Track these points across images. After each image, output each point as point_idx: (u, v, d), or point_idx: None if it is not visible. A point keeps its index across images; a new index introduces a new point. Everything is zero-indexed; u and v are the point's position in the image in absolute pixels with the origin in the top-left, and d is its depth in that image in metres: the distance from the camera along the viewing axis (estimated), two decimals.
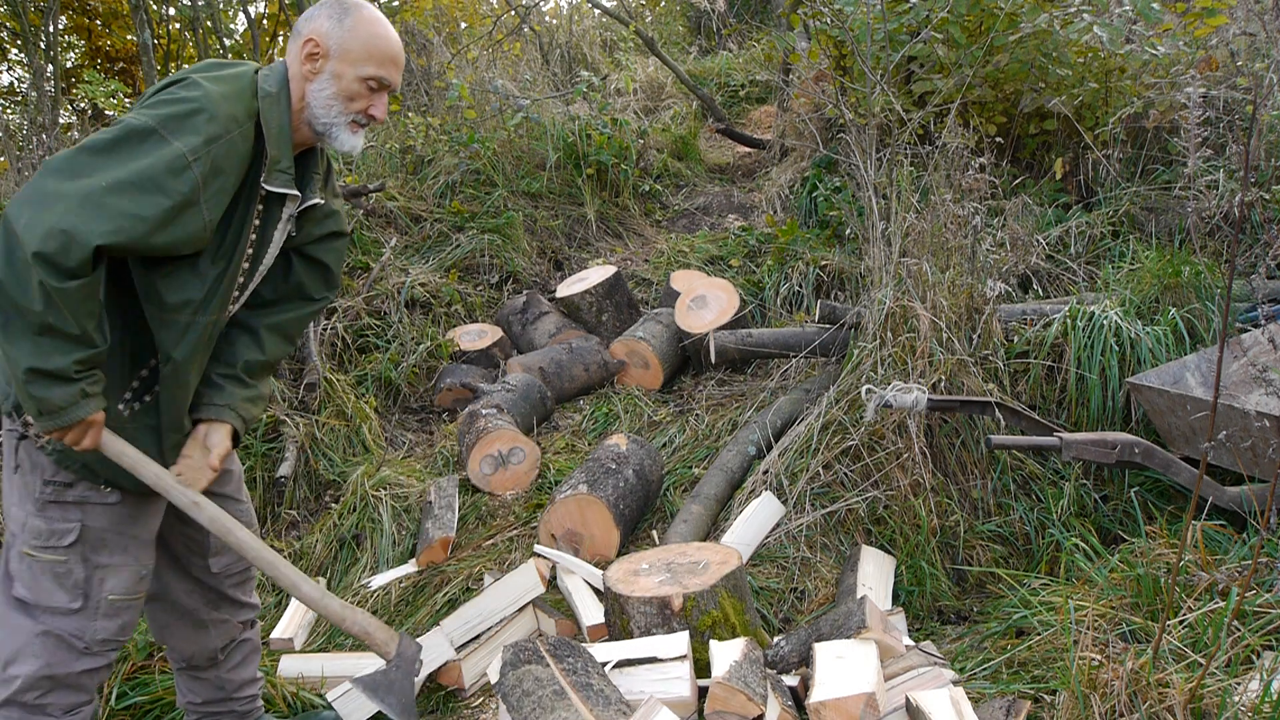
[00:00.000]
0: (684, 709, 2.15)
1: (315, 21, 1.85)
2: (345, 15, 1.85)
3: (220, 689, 2.23)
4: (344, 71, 1.84)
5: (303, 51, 1.84)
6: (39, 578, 1.79)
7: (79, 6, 8.66)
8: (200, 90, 1.70)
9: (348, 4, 1.87)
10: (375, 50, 1.86)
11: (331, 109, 1.86)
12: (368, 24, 1.86)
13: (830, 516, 3.14)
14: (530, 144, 6.55)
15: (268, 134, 1.81)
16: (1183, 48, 4.35)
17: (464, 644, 2.70)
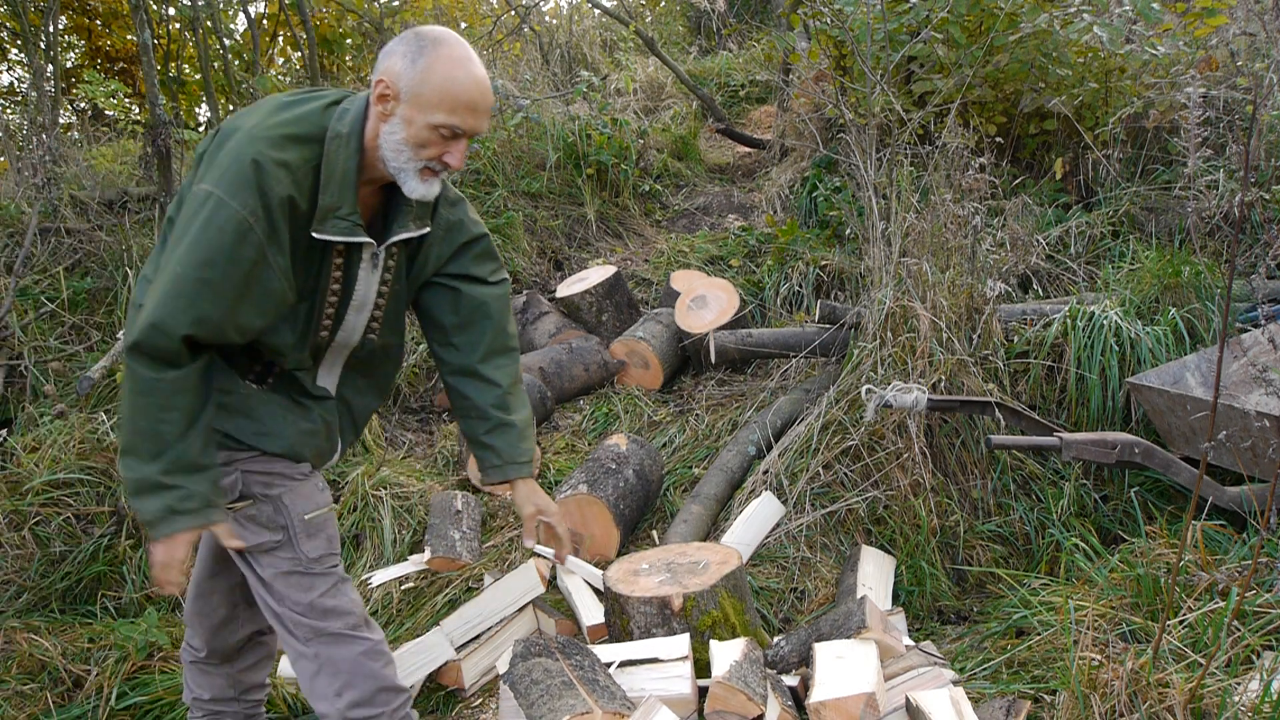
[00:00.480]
0: (684, 707, 2.15)
1: (390, 58, 1.72)
2: (420, 55, 1.70)
3: (231, 688, 2.23)
4: (414, 117, 1.70)
5: (375, 90, 1.73)
6: (244, 526, 1.86)
7: (79, 6, 8.66)
8: (254, 142, 1.64)
9: (426, 40, 1.71)
10: (449, 97, 1.69)
11: (401, 155, 1.74)
12: (444, 65, 1.70)
13: (830, 516, 3.14)
14: (530, 144, 6.54)
15: (326, 178, 1.72)
16: (1183, 48, 4.35)
17: (464, 644, 2.70)
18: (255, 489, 1.86)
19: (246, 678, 2.23)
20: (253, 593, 1.96)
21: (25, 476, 3.31)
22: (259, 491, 1.86)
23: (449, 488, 3.74)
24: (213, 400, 1.77)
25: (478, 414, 2.04)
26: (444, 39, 1.72)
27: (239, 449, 1.84)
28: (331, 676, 1.90)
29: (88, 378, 3.62)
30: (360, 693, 1.91)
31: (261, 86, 7.17)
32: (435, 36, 1.72)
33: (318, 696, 1.92)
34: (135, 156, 6.41)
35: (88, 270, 4.70)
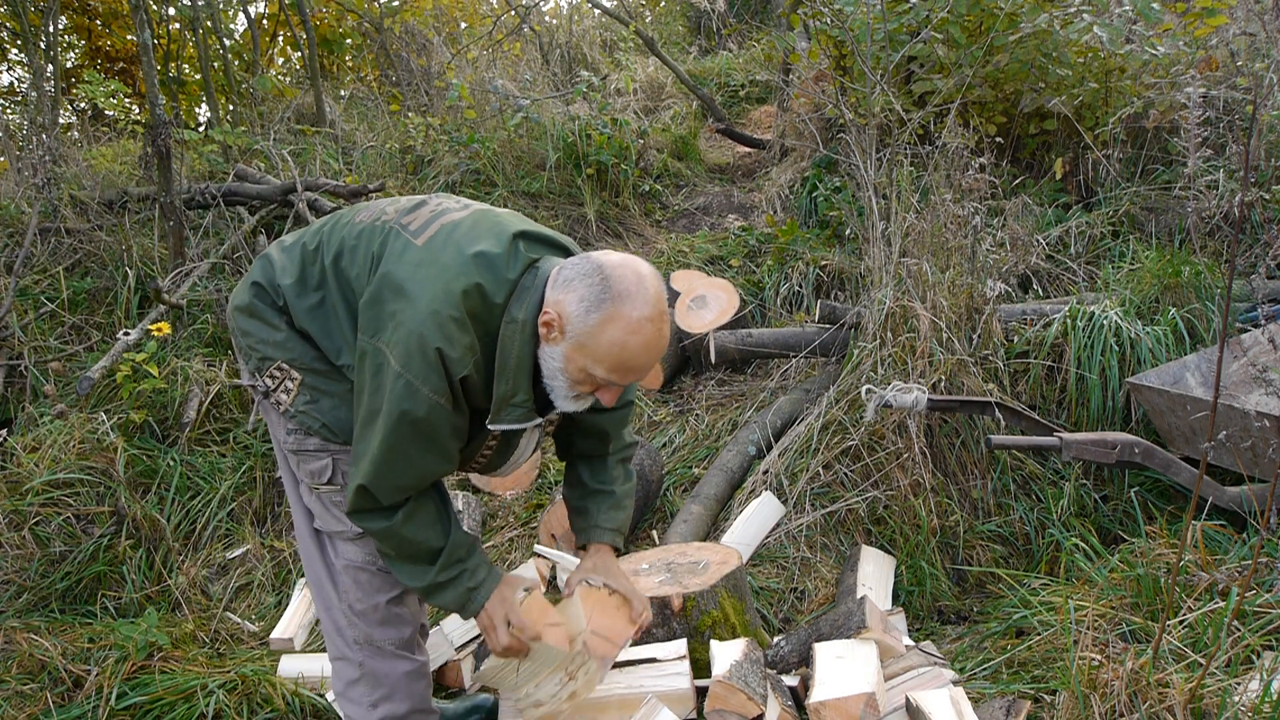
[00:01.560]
0: (683, 704, 2.16)
1: (566, 291, 1.64)
2: (597, 308, 1.61)
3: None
4: (575, 358, 1.66)
5: (542, 317, 1.66)
6: (327, 510, 1.91)
7: (79, 6, 8.66)
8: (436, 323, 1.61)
9: (609, 293, 1.61)
10: (614, 360, 1.64)
11: (555, 379, 1.71)
12: (619, 330, 1.61)
13: (830, 516, 3.14)
14: (530, 144, 6.54)
15: (500, 364, 1.69)
16: (1183, 48, 4.35)
17: (464, 644, 2.70)
18: (345, 478, 1.89)
19: None
20: (311, 581, 1.98)
21: (25, 476, 3.31)
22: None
23: (449, 488, 3.74)
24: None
25: (580, 483, 2.11)
26: (628, 296, 1.61)
27: (334, 441, 1.88)
28: (371, 687, 1.93)
29: (88, 378, 3.62)
30: (396, 708, 1.93)
31: (261, 86, 7.18)
32: (620, 292, 1.61)
33: (351, 701, 1.94)
34: (135, 156, 6.41)
35: (88, 270, 4.70)
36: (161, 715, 2.45)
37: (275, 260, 1.89)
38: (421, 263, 1.67)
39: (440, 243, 1.71)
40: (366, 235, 1.79)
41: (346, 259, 1.79)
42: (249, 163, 6.08)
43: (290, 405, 1.84)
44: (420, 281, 1.64)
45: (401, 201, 1.88)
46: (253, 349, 1.86)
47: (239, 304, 1.89)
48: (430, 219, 1.77)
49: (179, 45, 8.24)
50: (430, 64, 8.25)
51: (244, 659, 2.77)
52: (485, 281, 1.67)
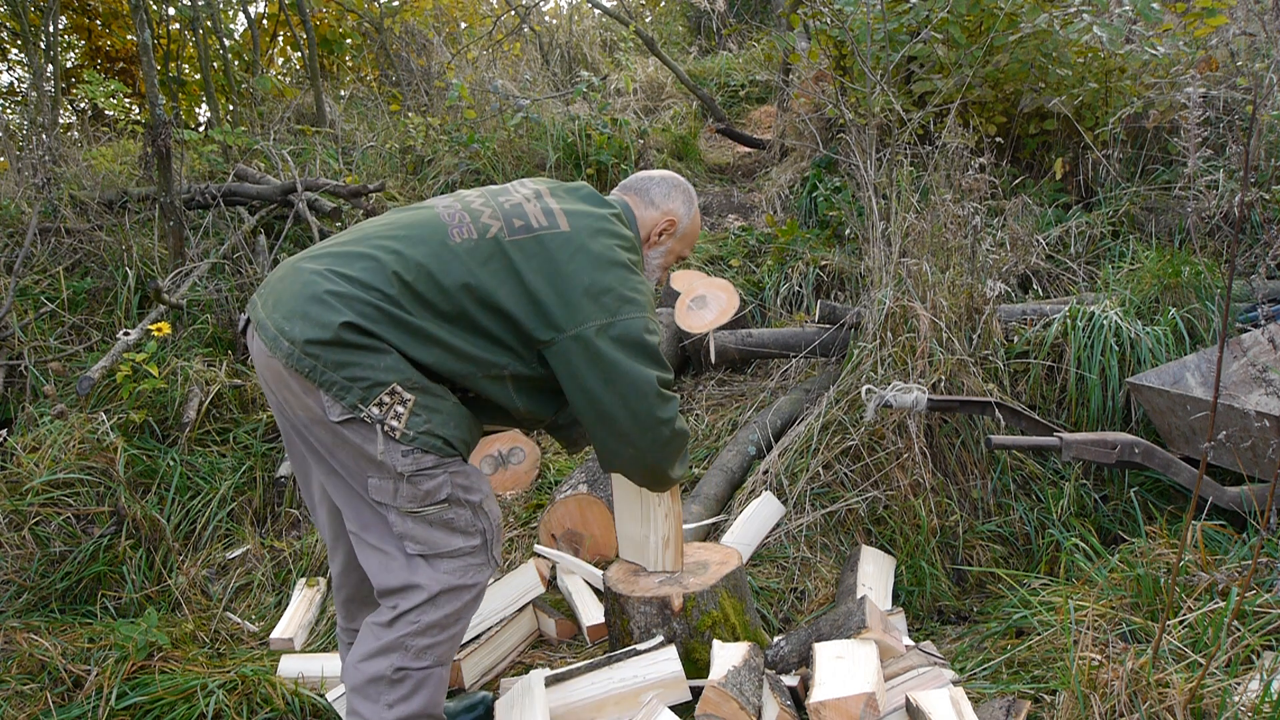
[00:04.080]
0: (677, 687, 2.20)
1: (673, 201, 2.26)
2: (692, 204, 2.30)
3: None
4: (675, 249, 2.29)
5: (661, 224, 2.24)
6: (431, 530, 1.91)
7: (79, 6, 8.66)
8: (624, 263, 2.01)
9: (691, 193, 2.31)
10: (694, 239, 2.35)
11: (654, 275, 2.28)
12: (698, 216, 2.33)
13: (830, 516, 3.14)
14: (530, 144, 6.54)
15: None
16: (1183, 48, 4.35)
17: (464, 644, 2.70)
18: (457, 493, 1.92)
19: None
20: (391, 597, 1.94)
21: (25, 476, 3.31)
22: (460, 495, 1.93)
23: None
24: None
25: None
26: (694, 195, 2.33)
27: (450, 454, 1.92)
28: (402, 691, 1.92)
29: (88, 378, 3.62)
30: (409, 709, 1.94)
31: (261, 86, 7.18)
32: (691, 191, 2.32)
33: (370, 698, 1.93)
34: (135, 156, 6.42)
35: (88, 270, 4.71)
36: (161, 715, 2.45)
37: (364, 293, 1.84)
38: (587, 240, 1.99)
39: (579, 219, 2.04)
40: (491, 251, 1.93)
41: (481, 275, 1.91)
42: (249, 163, 6.09)
43: (405, 428, 1.84)
44: (601, 255, 1.98)
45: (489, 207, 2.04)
46: (354, 380, 1.82)
47: (324, 338, 1.80)
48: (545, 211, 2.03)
49: (179, 45, 8.24)
50: (430, 64, 8.25)
51: (244, 659, 2.77)
52: (624, 231, 2.10)
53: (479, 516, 1.96)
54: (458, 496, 1.92)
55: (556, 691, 2.24)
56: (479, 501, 1.97)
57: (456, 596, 1.93)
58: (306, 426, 1.90)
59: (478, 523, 1.96)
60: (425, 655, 1.92)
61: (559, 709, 2.19)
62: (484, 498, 1.99)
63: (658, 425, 2.02)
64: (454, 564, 1.93)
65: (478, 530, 1.96)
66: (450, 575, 1.92)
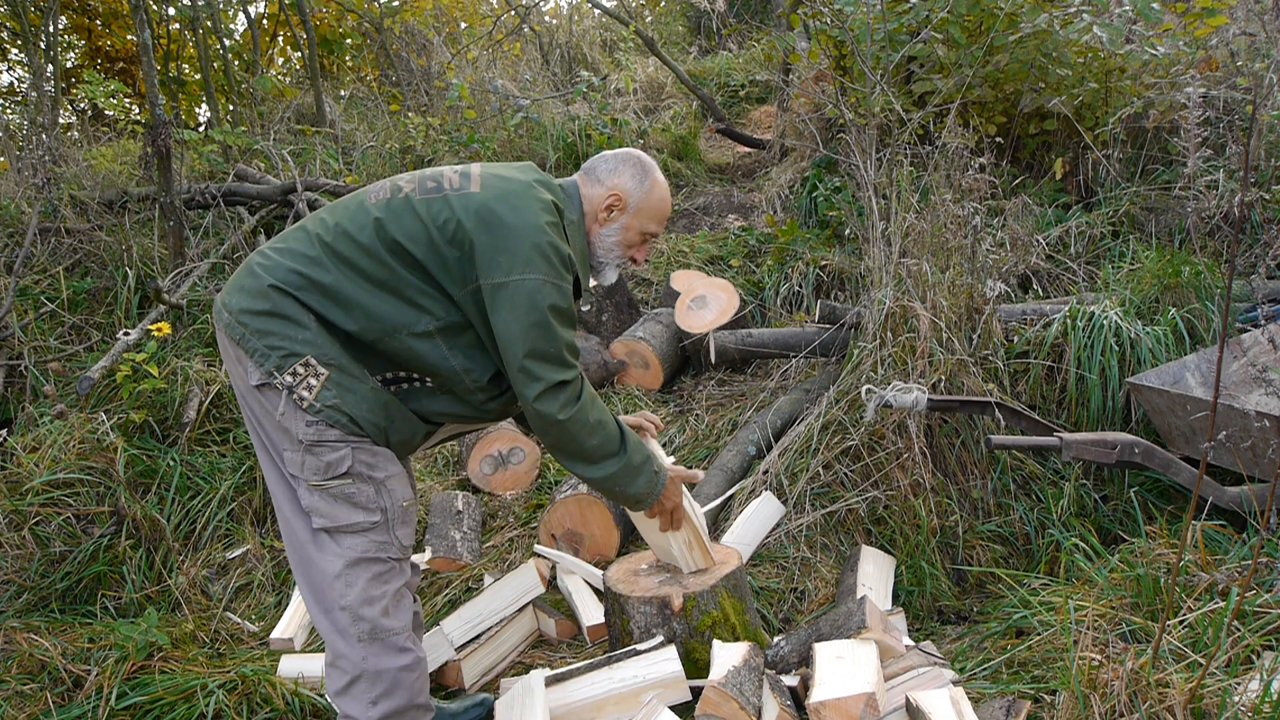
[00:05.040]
0: (678, 687, 2.19)
1: (619, 176, 2.16)
2: (645, 177, 2.18)
3: None
4: (633, 225, 2.18)
5: (605, 200, 2.15)
6: (334, 504, 1.95)
7: (79, 6, 8.65)
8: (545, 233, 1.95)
9: (646, 166, 2.19)
10: (660, 212, 2.21)
11: (612, 252, 2.19)
12: (660, 189, 2.20)
13: (830, 516, 3.14)
14: (530, 144, 6.54)
15: (578, 259, 2.09)
16: (1183, 48, 4.35)
17: (464, 644, 2.70)
18: (360, 469, 1.95)
19: None
20: (307, 588, 2.00)
21: (25, 476, 3.31)
22: (364, 471, 1.95)
23: (449, 488, 3.74)
24: None
25: None
26: (654, 165, 2.23)
27: (356, 433, 1.95)
28: (371, 683, 1.95)
29: (88, 378, 3.62)
30: (396, 704, 1.97)
31: (261, 86, 7.18)
32: (650, 164, 2.21)
33: (350, 699, 1.96)
34: (135, 156, 6.42)
35: (88, 270, 4.71)
36: (161, 715, 2.45)
37: (290, 260, 1.95)
38: (500, 197, 1.97)
39: (497, 182, 2.02)
40: (403, 207, 1.97)
41: (393, 229, 1.94)
42: (249, 163, 6.09)
43: (315, 399, 1.90)
44: (515, 210, 1.95)
45: (406, 177, 2.07)
46: (272, 348, 1.90)
47: (253, 308, 1.92)
48: (463, 176, 2.04)
49: (179, 45, 8.24)
50: (430, 64, 8.25)
51: (244, 659, 2.77)
52: (554, 196, 2.07)
53: (381, 494, 1.97)
54: (360, 472, 1.94)
55: (556, 691, 2.24)
56: (382, 479, 1.98)
57: (365, 567, 1.96)
58: (243, 397, 1.99)
59: (379, 500, 1.97)
60: (374, 642, 1.94)
61: (559, 709, 2.19)
62: (389, 476, 1.99)
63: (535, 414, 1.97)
64: (356, 540, 1.95)
65: (378, 508, 1.97)
66: (352, 550, 1.95)
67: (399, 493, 2.01)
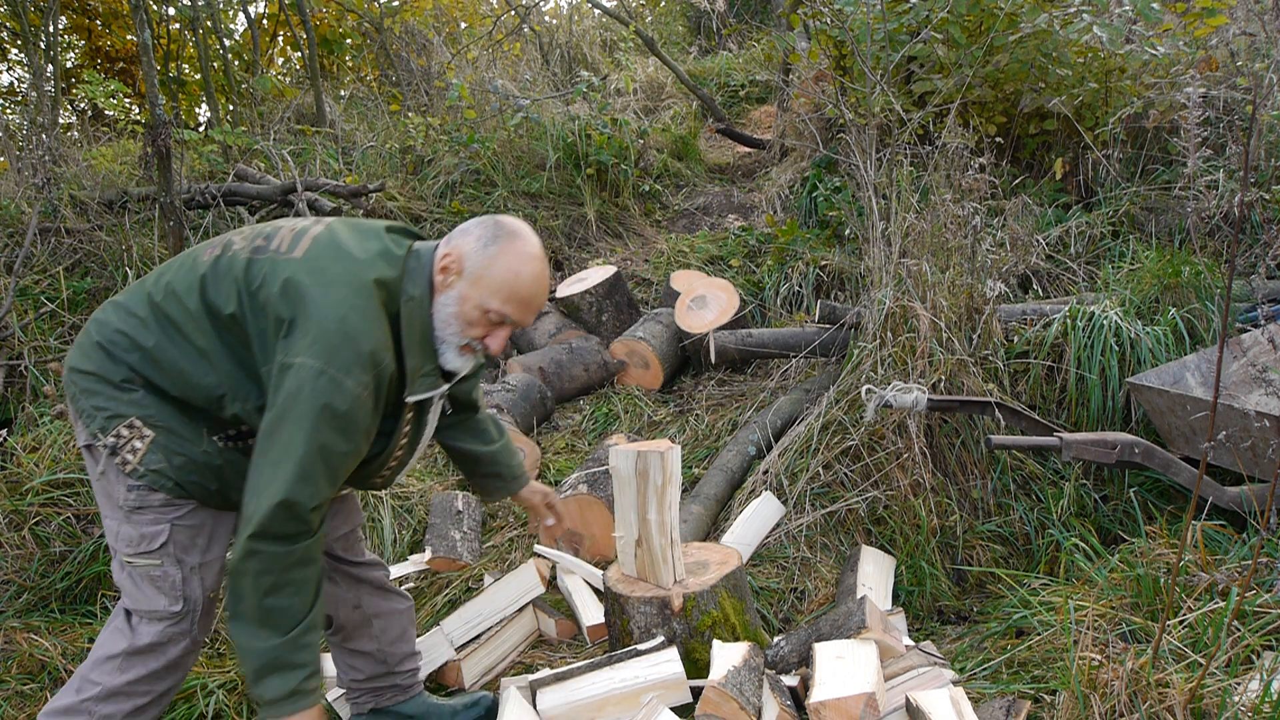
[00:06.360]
0: (678, 689, 2.18)
1: (464, 236, 1.83)
2: (492, 242, 1.81)
3: (382, 663, 2.29)
4: (470, 296, 1.80)
5: (440, 262, 1.82)
6: (139, 586, 1.84)
7: (79, 6, 8.66)
8: (354, 314, 1.69)
9: (503, 230, 1.83)
10: (506, 287, 1.80)
11: (448, 327, 1.82)
12: (511, 258, 1.80)
13: (830, 516, 3.14)
14: (530, 144, 6.55)
15: (408, 341, 1.79)
16: (1183, 48, 4.35)
17: (464, 644, 2.70)
18: (173, 549, 1.82)
19: (396, 650, 2.32)
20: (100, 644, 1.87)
21: (25, 476, 3.30)
22: (175, 553, 1.83)
23: (449, 488, 3.74)
24: None
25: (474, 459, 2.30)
26: (519, 233, 1.84)
27: (182, 496, 1.82)
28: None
29: None
30: None
31: (261, 86, 7.18)
32: (512, 229, 1.84)
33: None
34: (135, 156, 6.42)
35: (88, 270, 4.70)
36: (161, 715, 2.44)
37: (119, 319, 1.82)
38: (314, 270, 1.73)
39: (323, 249, 1.77)
40: (226, 268, 1.78)
41: (213, 293, 1.77)
42: (249, 163, 6.09)
43: (139, 464, 1.78)
44: (324, 285, 1.71)
45: (246, 231, 1.89)
46: (99, 409, 1.79)
47: (81, 367, 1.81)
48: (295, 236, 1.81)
49: (179, 45, 8.24)
50: (430, 64, 8.25)
51: None
52: (383, 271, 1.77)
53: (188, 584, 1.83)
54: (172, 553, 1.82)
55: (557, 691, 2.24)
56: (195, 565, 1.84)
57: (143, 662, 1.84)
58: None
59: (183, 589, 1.83)
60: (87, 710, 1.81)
61: (559, 709, 2.19)
62: (203, 564, 1.85)
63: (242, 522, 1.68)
64: (153, 627, 1.84)
65: (180, 597, 1.83)
66: (141, 638, 1.83)
67: (209, 582, 1.87)
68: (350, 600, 2.24)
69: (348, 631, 2.26)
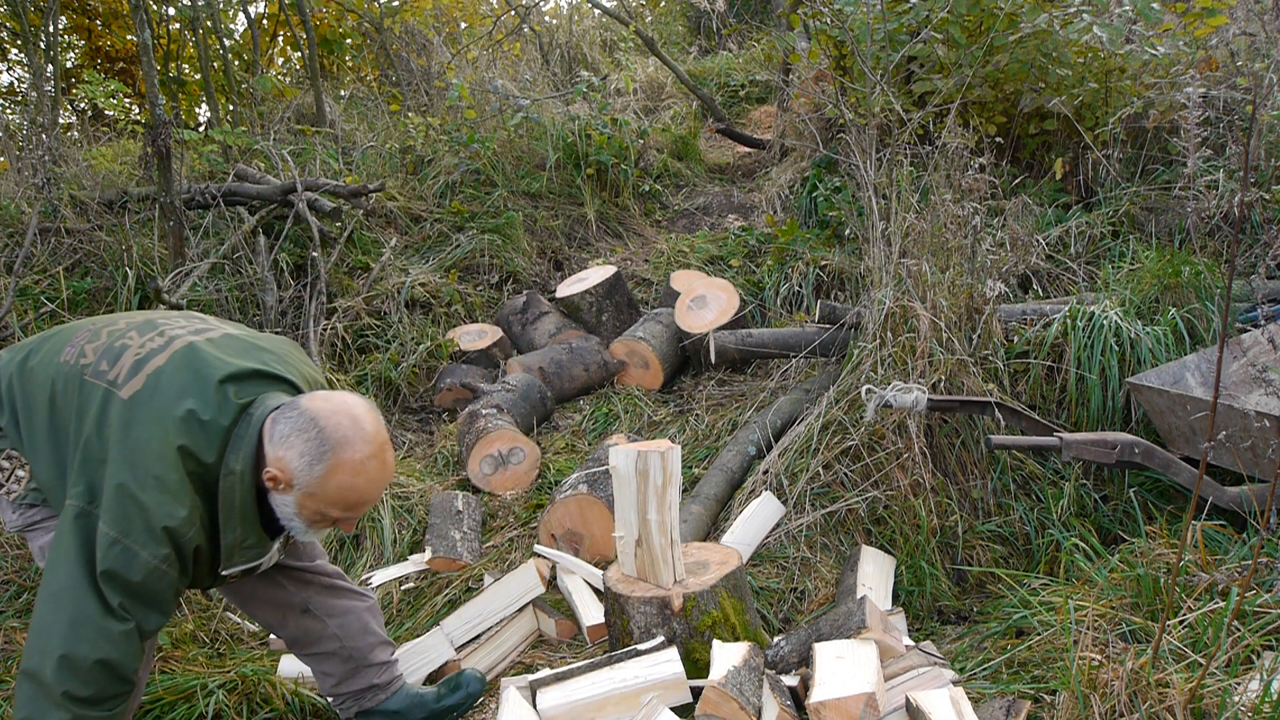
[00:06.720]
0: (678, 689, 2.18)
1: (287, 451, 1.70)
2: (318, 461, 1.69)
3: (349, 660, 2.25)
4: (307, 504, 1.75)
5: (266, 474, 1.72)
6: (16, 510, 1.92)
7: (79, 6, 8.65)
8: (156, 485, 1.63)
9: (328, 446, 1.70)
10: (343, 501, 1.74)
11: (292, 522, 1.79)
12: (344, 476, 1.71)
13: (830, 516, 3.14)
14: (530, 144, 6.55)
15: (225, 515, 1.73)
16: (1183, 48, 4.35)
17: (464, 644, 2.70)
18: None
19: (358, 643, 2.25)
20: None
21: None
22: None
23: (449, 488, 3.74)
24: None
25: None
26: (347, 443, 1.70)
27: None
28: None
29: None
30: None
31: (261, 86, 7.18)
32: (338, 440, 1.70)
33: None
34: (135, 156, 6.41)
35: (88, 270, 4.70)
36: (161, 715, 2.44)
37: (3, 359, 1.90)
38: (130, 423, 1.68)
39: (146, 398, 1.71)
40: (70, 381, 1.77)
41: (61, 400, 1.77)
42: (249, 163, 6.08)
43: (24, 492, 1.85)
44: (132, 445, 1.66)
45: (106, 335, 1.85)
46: None
47: None
48: (135, 366, 1.75)
49: (179, 45, 8.24)
50: (430, 64, 8.25)
51: (244, 659, 2.77)
52: (197, 440, 1.69)
53: None
54: None
55: (557, 691, 2.24)
56: None
57: None
58: None
59: None
60: None
61: (559, 709, 2.19)
62: None
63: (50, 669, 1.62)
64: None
65: None
66: None
67: None
68: (298, 604, 2.20)
69: (304, 641, 2.24)
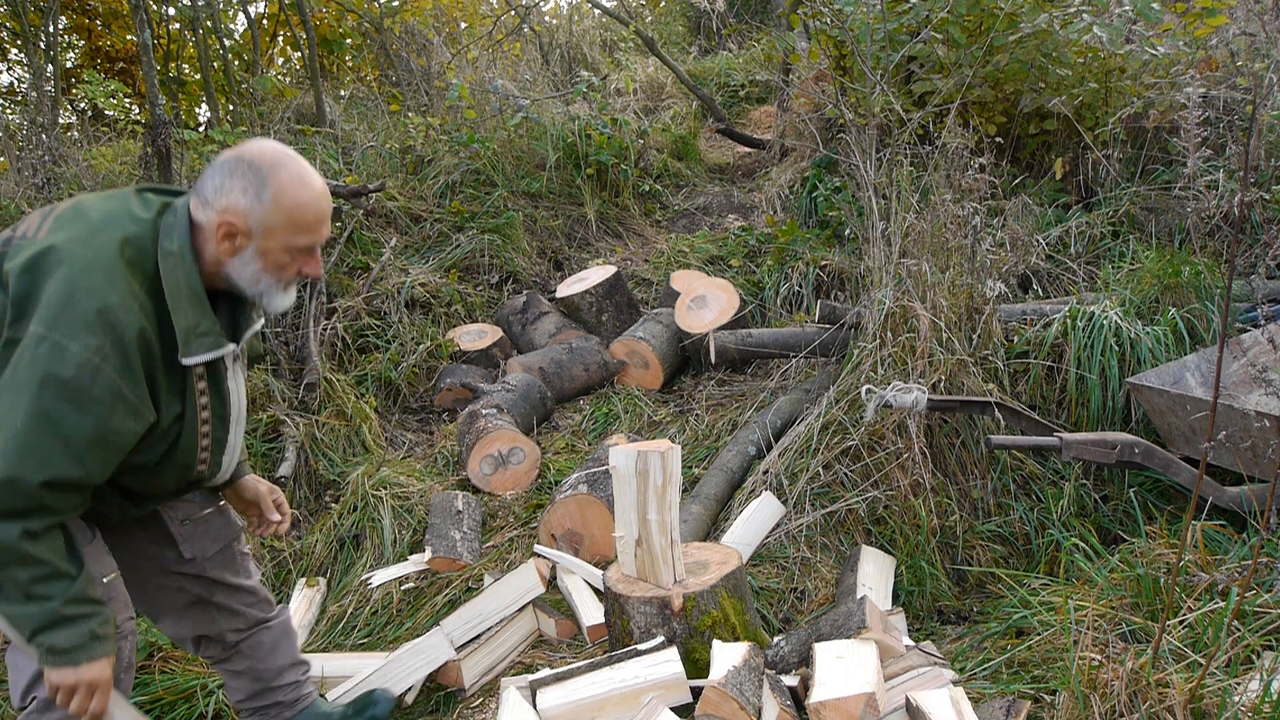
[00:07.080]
0: (678, 689, 2.18)
1: (229, 196, 1.68)
2: (263, 187, 1.68)
3: (257, 680, 2.20)
4: (270, 248, 1.72)
5: (218, 232, 1.69)
6: None
7: (79, 6, 8.66)
8: (88, 274, 1.57)
9: (263, 169, 1.69)
10: (303, 220, 1.72)
11: (260, 282, 1.76)
12: (291, 190, 1.70)
13: (830, 516, 3.14)
14: (530, 144, 6.55)
15: (173, 299, 1.67)
16: (1183, 48, 4.35)
17: (464, 644, 2.70)
18: None
19: (268, 665, 2.21)
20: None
21: None
22: None
23: (449, 488, 3.74)
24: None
25: None
26: (279, 162, 1.70)
27: None
28: None
29: None
30: None
31: (261, 86, 7.18)
32: (270, 162, 1.70)
33: None
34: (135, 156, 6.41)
35: None
36: (161, 715, 2.45)
37: None
38: (53, 244, 1.62)
39: (65, 223, 1.67)
40: None
41: None
42: None
43: None
44: (61, 253, 1.60)
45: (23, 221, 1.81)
46: None
47: None
48: (42, 218, 1.72)
49: (179, 45, 8.24)
50: (430, 64, 8.25)
51: None
52: (129, 230, 1.67)
53: None
54: None
55: (557, 691, 2.24)
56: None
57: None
58: None
59: None
60: None
61: (559, 709, 2.19)
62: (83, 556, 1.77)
63: None
64: None
65: None
66: None
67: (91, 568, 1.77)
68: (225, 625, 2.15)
69: (215, 656, 2.19)
